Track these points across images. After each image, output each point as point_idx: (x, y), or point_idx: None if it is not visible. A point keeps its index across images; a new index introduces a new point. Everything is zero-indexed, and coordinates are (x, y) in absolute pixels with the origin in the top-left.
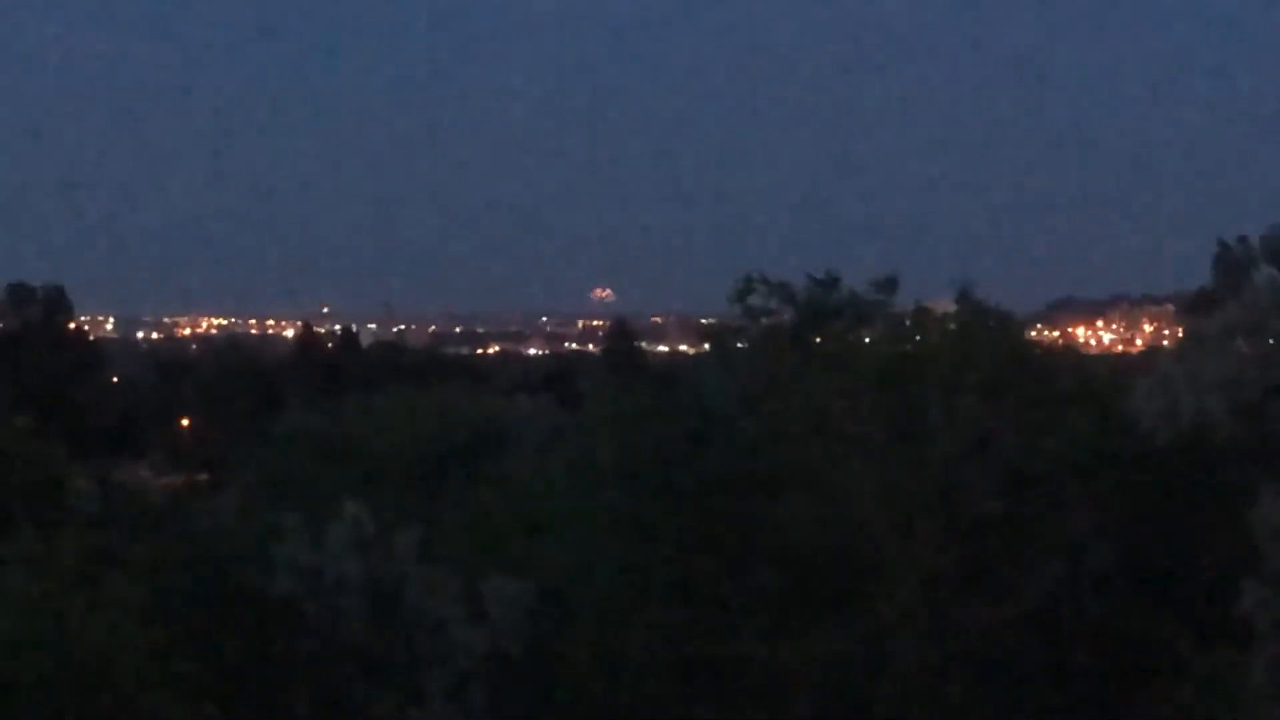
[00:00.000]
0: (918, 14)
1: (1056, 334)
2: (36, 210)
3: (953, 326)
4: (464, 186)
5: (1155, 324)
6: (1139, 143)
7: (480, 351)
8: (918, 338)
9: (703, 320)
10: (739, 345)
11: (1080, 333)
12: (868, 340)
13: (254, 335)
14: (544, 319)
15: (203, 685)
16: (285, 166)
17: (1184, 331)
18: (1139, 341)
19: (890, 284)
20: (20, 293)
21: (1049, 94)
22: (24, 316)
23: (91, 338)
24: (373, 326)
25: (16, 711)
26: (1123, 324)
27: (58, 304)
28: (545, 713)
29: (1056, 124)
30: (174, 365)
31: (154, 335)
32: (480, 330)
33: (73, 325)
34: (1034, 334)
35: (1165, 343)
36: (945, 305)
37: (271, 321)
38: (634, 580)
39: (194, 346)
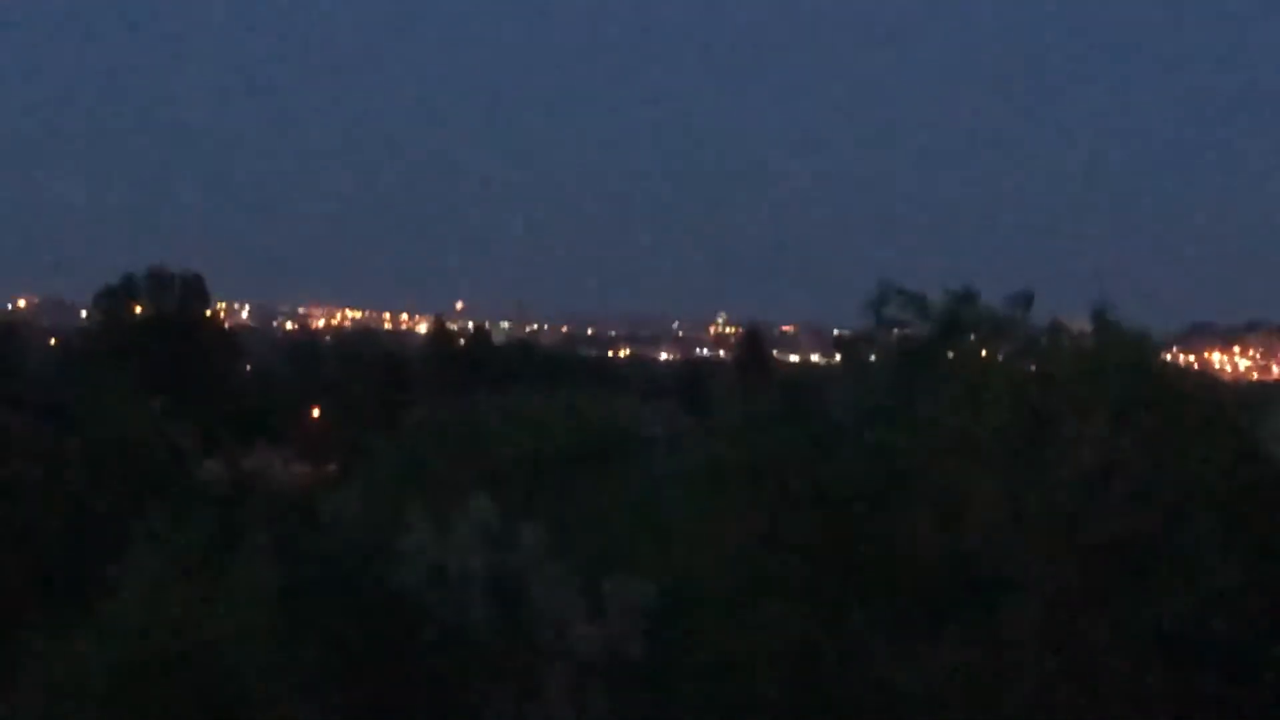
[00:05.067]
0: (1073, 21)
1: (1192, 358)
2: (179, 198)
3: (1087, 346)
4: (599, 190)
5: None
6: None
7: (611, 354)
8: (1051, 356)
9: (835, 330)
10: (871, 356)
11: (1216, 358)
12: (1001, 356)
13: (387, 329)
14: (676, 324)
15: (324, 673)
16: (424, 163)
17: None
18: (1275, 369)
19: (1026, 300)
20: (159, 278)
21: (1194, 116)
22: (162, 302)
23: (227, 325)
24: (505, 325)
25: (142, 692)
26: (1259, 351)
27: (196, 291)
28: (663, 714)
29: (1203, 148)
30: (307, 355)
31: (289, 325)
32: (612, 333)
33: (209, 313)
34: (1169, 357)
35: None
36: (1081, 324)
37: (405, 316)
38: (755, 584)
39: (328, 338)
